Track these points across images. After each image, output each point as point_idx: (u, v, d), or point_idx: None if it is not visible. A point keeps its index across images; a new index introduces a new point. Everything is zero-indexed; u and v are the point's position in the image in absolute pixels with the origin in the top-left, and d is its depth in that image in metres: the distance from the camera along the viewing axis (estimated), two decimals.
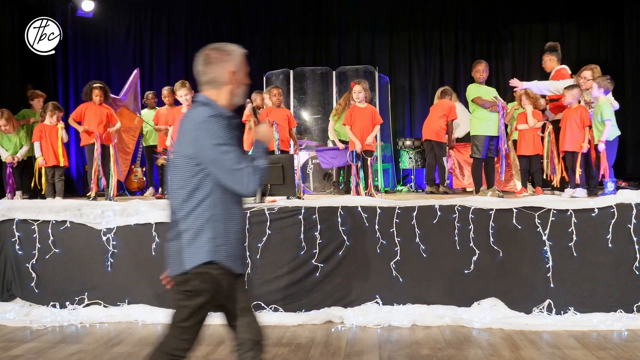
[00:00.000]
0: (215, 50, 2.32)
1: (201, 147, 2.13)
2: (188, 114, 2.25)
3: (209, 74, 2.28)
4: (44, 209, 5.00)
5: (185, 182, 2.18)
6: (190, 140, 2.15)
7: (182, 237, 2.21)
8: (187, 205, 2.19)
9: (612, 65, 9.34)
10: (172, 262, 2.31)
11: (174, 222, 2.24)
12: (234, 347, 2.49)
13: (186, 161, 2.16)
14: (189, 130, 2.17)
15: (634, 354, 3.73)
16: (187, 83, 5.93)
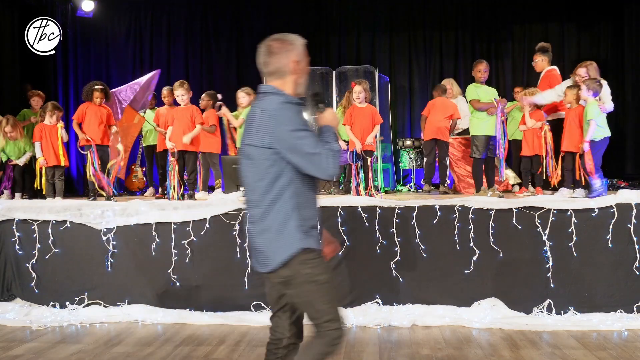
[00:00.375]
0: (278, 41, 2.31)
1: (278, 134, 2.10)
2: (257, 104, 2.21)
3: (274, 64, 2.28)
4: (44, 209, 5.00)
5: (264, 173, 2.13)
6: (266, 130, 2.11)
7: (270, 231, 2.16)
8: (269, 196, 2.15)
9: (612, 65, 9.33)
10: (261, 259, 2.20)
11: (257, 216, 2.18)
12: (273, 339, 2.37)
13: (263, 151, 2.12)
14: (263, 120, 2.13)
15: (634, 354, 3.73)
16: (185, 83, 5.92)
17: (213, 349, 3.96)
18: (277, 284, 2.21)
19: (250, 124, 2.19)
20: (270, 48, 2.31)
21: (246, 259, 4.75)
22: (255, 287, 4.75)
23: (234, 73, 10.13)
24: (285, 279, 2.17)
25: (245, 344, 4.06)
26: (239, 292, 4.76)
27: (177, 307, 4.79)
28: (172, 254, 4.83)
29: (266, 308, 4.72)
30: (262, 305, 4.74)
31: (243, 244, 4.76)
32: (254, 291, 4.75)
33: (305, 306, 2.22)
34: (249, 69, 10.04)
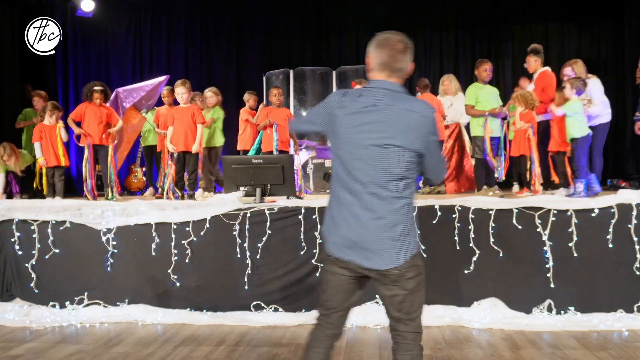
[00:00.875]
0: (407, 42, 2.28)
1: (429, 141, 2.18)
2: (406, 106, 2.18)
3: (402, 62, 2.24)
4: (43, 209, 5.00)
5: (403, 174, 2.15)
6: (419, 134, 2.14)
7: (399, 228, 2.15)
8: (403, 197, 2.16)
9: (612, 65, 9.34)
10: (387, 255, 2.15)
11: (389, 212, 2.14)
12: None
13: (409, 153, 2.14)
14: (420, 125, 2.15)
15: (634, 354, 3.72)
16: (187, 82, 5.93)
17: (213, 349, 3.96)
18: (391, 279, 2.18)
19: (396, 124, 2.14)
20: (405, 46, 2.25)
21: (246, 258, 4.75)
22: (255, 287, 4.75)
23: (234, 73, 10.13)
24: (405, 273, 2.17)
25: (245, 344, 4.06)
26: (239, 292, 4.76)
27: (177, 307, 4.79)
28: (172, 254, 4.82)
29: (266, 308, 4.72)
30: (262, 305, 4.73)
31: (243, 244, 4.76)
32: (254, 291, 4.75)
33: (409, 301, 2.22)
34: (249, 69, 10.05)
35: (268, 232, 4.74)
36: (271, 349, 3.93)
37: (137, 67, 10.15)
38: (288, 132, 6.89)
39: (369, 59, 2.29)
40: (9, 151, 6.30)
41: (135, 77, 10.07)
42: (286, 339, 4.17)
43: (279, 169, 4.90)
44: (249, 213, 4.76)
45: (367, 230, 2.15)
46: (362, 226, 2.15)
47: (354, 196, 2.17)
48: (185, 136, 5.79)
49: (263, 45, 10.08)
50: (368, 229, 2.15)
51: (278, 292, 4.75)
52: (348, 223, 2.18)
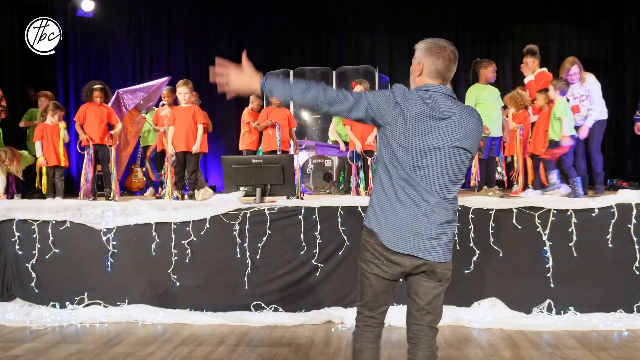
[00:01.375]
0: (456, 50, 2.38)
1: (477, 144, 2.32)
2: (470, 111, 2.29)
3: (453, 71, 2.34)
4: (43, 209, 5.00)
5: (461, 176, 2.28)
6: (476, 138, 2.28)
7: (452, 227, 2.28)
8: (455, 198, 2.29)
9: (612, 65, 9.34)
10: (441, 250, 2.25)
11: (448, 213, 2.25)
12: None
13: (467, 156, 2.26)
14: (477, 129, 2.28)
15: (634, 354, 3.73)
16: (190, 82, 5.94)
17: (213, 349, 3.96)
18: (436, 275, 2.28)
19: (464, 129, 2.23)
20: (456, 56, 2.35)
21: (246, 258, 4.75)
22: (255, 287, 4.75)
23: None
24: (448, 272, 2.30)
25: (245, 344, 4.06)
26: (239, 292, 4.76)
27: (177, 307, 4.79)
28: (172, 254, 4.83)
29: (266, 308, 4.72)
30: (262, 305, 4.74)
31: (243, 244, 4.76)
32: (254, 291, 4.75)
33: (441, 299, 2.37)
34: None
35: (268, 232, 4.74)
36: (271, 349, 3.94)
37: (137, 67, 10.15)
38: (288, 132, 6.89)
39: (419, 64, 2.36)
40: (10, 155, 6.29)
41: (135, 77, 10.08)
42: (286, 339, 4.17)
43: (279, 169, 4.91)
44: (249, 213, 4.76)
45: (425, 227, 2.21)
46: (420, 223, 2.21)
47: (415, 194, 2.21)
48: (187, 136, 5.79)
49: (263, 45, 10.08)
50: (426, 225, 2.21)
51: (278, 292, 4.75)
52: (405, 220, 2.21)
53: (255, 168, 4.94)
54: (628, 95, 8.84)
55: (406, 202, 2.21)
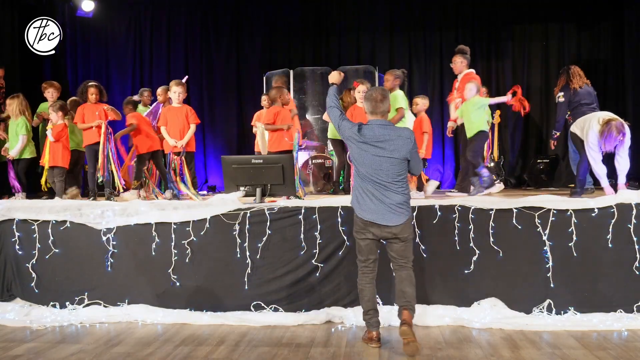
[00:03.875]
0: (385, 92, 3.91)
1: (413, 152, 3.83)
2: (398, 132, 3.80)
3: (384, 107, 3.87)
4: (43, 209, 5.00)
5: (403, 174, 3.81)
6: (405, 149, 3.77)
7: (403, 206, 3.81)
8: (404, 184, 3.83)
9: (612, 65, 9.34)
10: (395, 218, 3.80)
11: (399, 193, 3.79)
12: None
13: (402, 161, 3.79)
14: (405, 143, 3.78)
15: (634, 354, 3.73)
16: (183, 82, 5.92)
17: (213, 349, 3.96)
18: (396, 230, 3.82)
19: (395, 144, 3.77)
20: (383, 96, 3.84)
21: (246, 258, 4.75)
22: (255, 287, 4.75)
23: (234, 73, 10.14)
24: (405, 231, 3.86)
25: (245, 344, 4.06)
26: (239, 292, 4.76)
27: (177, 307, 4.79)
28: (172, 254, 4.83)
29: (266, 308, 4.72)
30: (262, 305, 4.74)
31: (243, 244, 4.76)
32: (254, 291, 4.75)
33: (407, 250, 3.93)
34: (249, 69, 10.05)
35: (268, 232, 4.74)
36: (271, 349, 3.94)
37: (137, 67, 10.15)
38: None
39: (364, 107, 3.94)
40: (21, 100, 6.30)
41: (135, 77, 10.08)
42: (286, 339, 4.17)
43: (279, 169, 4.91)
44: (249, 213, 4.76)
45: (382, 206, 3.79)
46: (379, 204, 3.80)
47: (375, 186, 3.80)
48: (180, 136, 5.75)
49: (263, 45, 10.08)
50: (383, 205, 3.79)
51: (278, 292, 4.75)
52: (369, 203, 3.82)
53: (255, 168, 4.94)
54: (628, 96, 8.84)
55: (369, 191, 3.81)
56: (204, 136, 10.05)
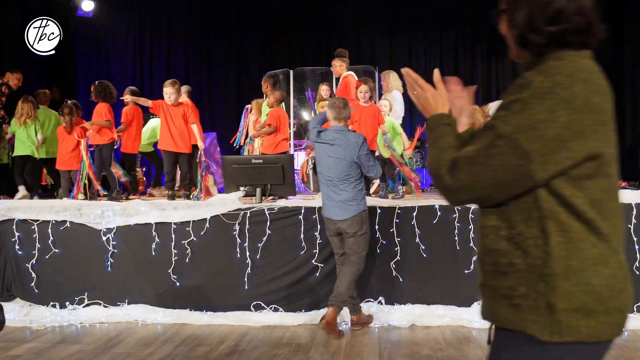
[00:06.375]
0: (344, 101, 4.37)
1: (360, 155, 4.14)
2: (350, 136, 4.18)
3: (344, 114, 4.28)
4: (43, 209, 5.00)
5: (353, 173, 4.16)
6: (353, 152, 4.12)
7: (353, 202, 4.13)
8: (352, 184, 4.15)
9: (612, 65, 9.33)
10: (341, 213, 4.14)
11: (347, 193, 4.14)
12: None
13: (351, 162, 4.14)
14: (353, 147, 4.13)
15: (634, 354, 3.73)
16: (177, 83, 5.74)
17: (213, 349, 3.96)
18: (344, 225, 4.14)
19: (344, 147, 4.14)
20: (344, 104, 4.28)
21: (246, 259, 4.75)
22: (255, 287, 4.75)
23: (234, 73, 10.14)
24: (352, 227, 4.14)
25: (245, 344, 4.06)
26: (239, 292, 4.76)
27: (177, 307, 4.79)
28: (172, 254, 4.83)
29: (266, 308, 4.72)
30: (262, 305, 4.74)
31: (243, 244, 4.76)
32: (254, 291, 4.75)
33: (357, 244, 4.19)
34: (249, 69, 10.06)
35: (268, 232, 4.75)
36: (271, 349, 3.94)
37: (137, 67, 10.15)
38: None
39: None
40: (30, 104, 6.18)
41: (136, 77, 10.08)
42: (286, 339, 4.17)
43: (279, 169, 4.91)
44: (249, 213, 4.76)
45: (334, 203, 4.19)
46: (331, 201, 4.20)
47: (328, 184, 4.22)
48: (180, 136, 5.63)
49: (263, 45, 10.08)
50: (334, 202, 4.18)
51: (278, 292, 4.75)
52: (325, 200, 4.26)
53: (255, 168, 4.94)
54: (627, 96, 8.84)
55: (324, 189, 4.25)
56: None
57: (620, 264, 1.32)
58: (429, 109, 1.51)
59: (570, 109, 1.23)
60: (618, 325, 1.30)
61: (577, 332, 1.25)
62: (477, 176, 1.28)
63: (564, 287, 1.26)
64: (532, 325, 1.28)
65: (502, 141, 1.25)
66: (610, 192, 1.32)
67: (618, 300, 1.29)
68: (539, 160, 1.23)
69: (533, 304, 1.28)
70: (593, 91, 1.26)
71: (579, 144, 1.23)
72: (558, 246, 1.27)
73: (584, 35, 1.34)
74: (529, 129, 1.23)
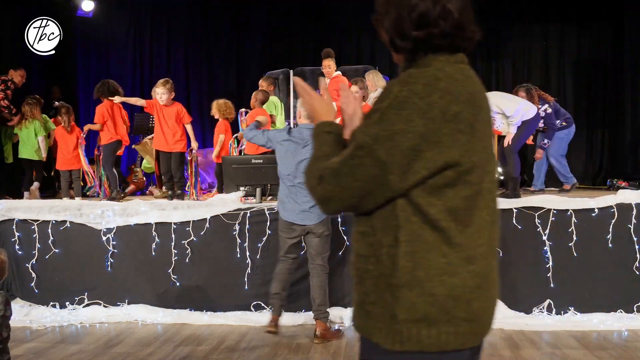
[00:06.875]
0: None
1: None
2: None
3: None
4: (44, 209, 5.01)
5: None
6: None
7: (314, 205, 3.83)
8: None
9: (612, 65, 9.33)
10: (309, 218, 3.98)
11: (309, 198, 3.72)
12: None
13: None
14: None
15: (634, 354, 3.73)
16: (169, 83, 5.62)
17: (213, 349, 3.96)
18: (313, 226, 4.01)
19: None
20: None
21: (246, 259, 4.75)
22: (255, 287, 4.75)
23: (234, 73, 10.13)
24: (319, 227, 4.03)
25: (245, 344, 4.06)
26: (239, 292, 4.76)
27: (177, 307, 4.79)
28: (172, 254, 4.83)
29: (266, 308, 4.72)
30: (262, 305, 4.73)
31: (243, 244, 4.76)
32: (254, 291, 4.75)
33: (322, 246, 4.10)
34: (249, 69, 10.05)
35: (268, 232, 4.74)
36: (271, 349, 3.94)
37: (137, 67, 10.14)
38: None
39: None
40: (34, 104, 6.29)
41: (136, 77, 10.07)
42: (286, 339, 4.17)
43: None
44: (249, 213, 4.76)
45: (299, 207, 3.99)
46: (296, 205, 4.00)
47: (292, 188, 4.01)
48: (172, 136, 5.59)
49: (263, 45, 10.07)
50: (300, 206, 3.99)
51: None
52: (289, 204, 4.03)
53: (255, 168, 4.94)
54: (627, 96, 8.83)
55: (291, 195, 4.00)
56: (203, 136, 10.04)
57: (473, 273, 1.31)
58: (316, 117, 1.49)
59: (427, 118, 1.22)
60: (469, 334, 1.29)
61: (417, 342, 1.25)
62: (343, 186, 1.27)
63: (407, 298, 1.26)
64: (378, 333, 1.29)
65: (362, 152, 1.25)
66: (472, 200, 1.29)
67: (466, 310, 1.28)
68: (397, 170, 1.23)
69: (380, 312, 1.30)
70: (452, 100, 1.24)
71: (435, 154, 1.22)
72: (405, 256, 1.27)
73: (453, 39, 1.32)
74: (386, 139, 1.22)
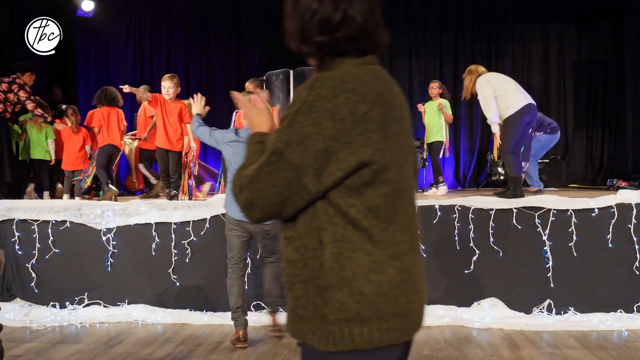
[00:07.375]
0: None
1: None
2: None
3: None
4: (43, 209, 5.01)
5: None
6: None
7: None
8: None
9: (612, 65, 9.33)
10: None
11: None
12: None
13: None
14: None
15: (634, 354, 3.73)
16: (175, 77, 5.57)
17: (213, 349, 3.96)
18: (267, 227, 3.92)
19: None
20: None
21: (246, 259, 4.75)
22: (255, 287, 4.75)
23: (234, 73, 10.13)
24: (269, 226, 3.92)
25: None
26: None
27: (177, 307, 4.79)
28: (172, 254, 4.83)
29: (266, 308, 4.72)
30: (262, 305, 4.73)
31: None
32: (254, 291, 4.75)
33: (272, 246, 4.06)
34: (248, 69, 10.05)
35: None
36: (271, 349, 3.94)
37: (137, 67, 10.14)
38: None
39: None
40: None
41: (136, 77, 10.07)
42: (286, 339, 4.17)
43: None
44: None
45: None
46: None
47: None
48: (174, 133, 5.53)
49: (263, 45, 10.07)
50: None
51: None
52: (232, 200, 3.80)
53: None
54: (628, 95, 8.83)
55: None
56: None
57: (400, 269, 1.31)
58: (252, 128, 1.50)
59: (336, 120, 1.23)
60: (400, 329, 1.30)
61: (349, 341, 1.26)
62: (261, 193, 1.27)
63: (337, 298, 1.27)
64: (312, 336, 1.30)
65: (275, 157, 1.26)
66: (393, 198, 1.30)
67: (394, 305, 1.29)
68: (312, 173, 1.24)
69: (311, 315, 1.30)
70: (359, 101, 1.25)
71: (347, 154, 1.24)
72: (331, 258, 1.28)
73: (358, 43, 1.33)
74: (298, 143, 1.24)
